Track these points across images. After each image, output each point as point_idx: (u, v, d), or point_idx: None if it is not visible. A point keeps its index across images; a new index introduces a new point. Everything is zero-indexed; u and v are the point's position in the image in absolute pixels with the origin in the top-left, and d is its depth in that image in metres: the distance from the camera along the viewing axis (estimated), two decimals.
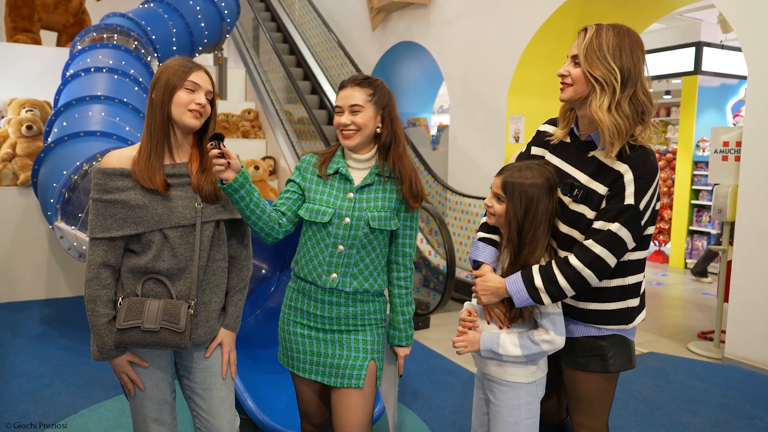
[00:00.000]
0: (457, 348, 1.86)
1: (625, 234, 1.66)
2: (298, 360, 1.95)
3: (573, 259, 1.68)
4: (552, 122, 1.97)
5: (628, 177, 1.66)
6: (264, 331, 3.18)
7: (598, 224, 1.68)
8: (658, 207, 1.77)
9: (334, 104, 1.95)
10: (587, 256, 1.67)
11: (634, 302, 1.80)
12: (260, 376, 2.99)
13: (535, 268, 1.72)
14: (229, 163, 1.66)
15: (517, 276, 1.73)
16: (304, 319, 1.93)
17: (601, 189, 1.71)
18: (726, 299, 4.31)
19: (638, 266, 1.79)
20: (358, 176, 1.90)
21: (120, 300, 1.73)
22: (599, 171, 1.73)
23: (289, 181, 1.95)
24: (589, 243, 1.68)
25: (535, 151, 1.96)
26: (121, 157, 1.74)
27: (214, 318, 1.85)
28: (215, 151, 1.64)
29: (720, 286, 4.45)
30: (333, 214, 1.85)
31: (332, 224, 1.85)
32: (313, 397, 2.01)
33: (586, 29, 1.71)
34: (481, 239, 1.88)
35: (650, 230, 1.78)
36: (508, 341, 1.78)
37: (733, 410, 3.34)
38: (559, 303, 1.78)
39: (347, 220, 1.85)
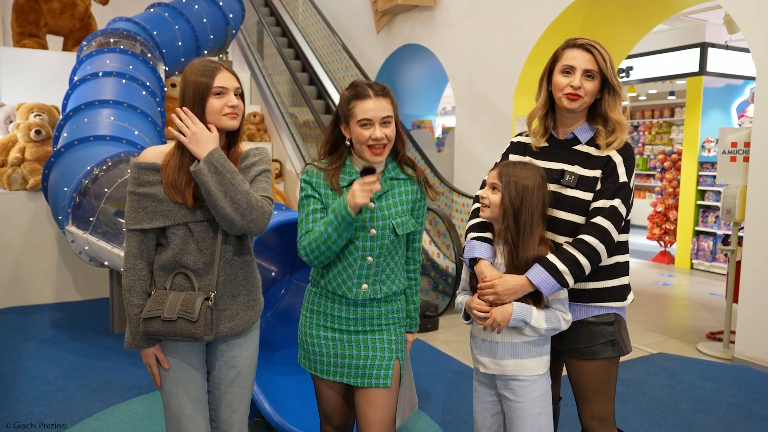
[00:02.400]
0: (480, 316, 1.82)
1: (623, 209, 1.84)
2: (320, 363, 1.96)
3: (587, 237, 1.81)
4: (521, 135, 2.12)
5: (618, 159, 1.86)
6: (276, 333, 3.19)
7: (600, 203, 1.83)
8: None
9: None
10: (598, 232, 1.80)
11: (625, 280, 1.97)
12: (273, 378, 3.00)
13: (550, 256, 1.80)
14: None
15: (537, 268, 1.80)
16: (327, 321, 1.94)
17: (594, 173, 1.87)
18: (735, 300, 4.31)
19: (624, 247, 1.96)
20: None
21: (152, 293, 1.81)
22: (588, 160, 1.90)
23: (308, 197, 1.87)
24: (598, 219, 1.82)
25: (513, 158, 2.05)
26: (158, 153, 1.82)
27: (243, 310, 1.89)
28: (372, 177, 1.72)
29: (729, 287, 4.45)
30: (358, 227, 1.83)
31: (357, 237, 1.84)
32: (336, 398, 2.02)
33: (593, 46, 1.86)
34: (474, 238, 1.94)
35: (629, 216, 1.92)
36: (539, 315, 1.83)
37: (745, 410, 3.35)
38: None
39: (373, 231, 1.85)
